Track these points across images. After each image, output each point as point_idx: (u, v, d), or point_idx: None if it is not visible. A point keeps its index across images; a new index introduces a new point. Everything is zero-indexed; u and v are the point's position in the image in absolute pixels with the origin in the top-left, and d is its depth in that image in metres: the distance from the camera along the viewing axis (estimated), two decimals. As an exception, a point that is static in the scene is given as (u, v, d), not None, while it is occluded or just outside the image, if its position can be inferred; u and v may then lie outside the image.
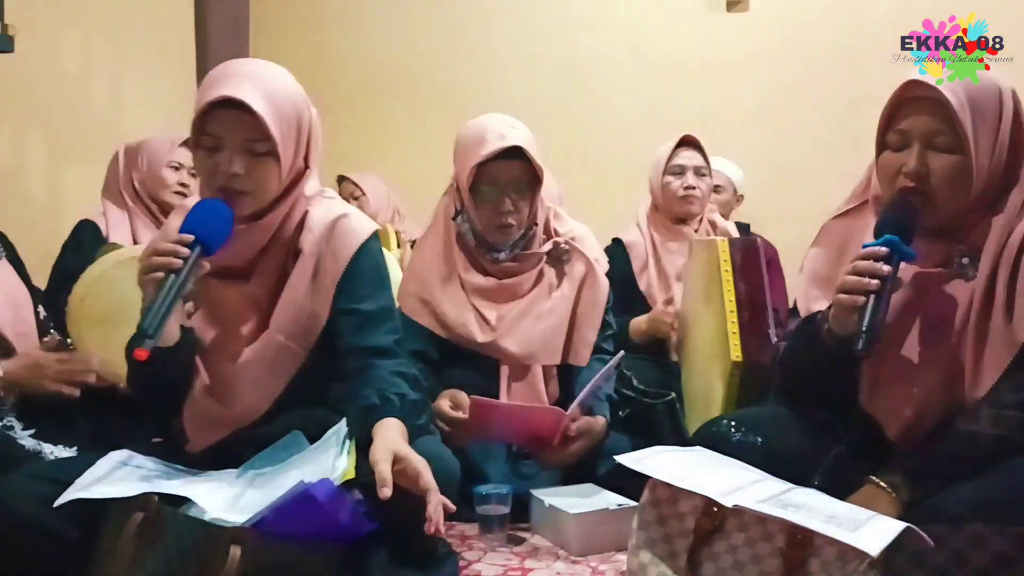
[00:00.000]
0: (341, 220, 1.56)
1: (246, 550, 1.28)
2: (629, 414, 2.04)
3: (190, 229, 1.40)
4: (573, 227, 2.12)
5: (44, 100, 3.29)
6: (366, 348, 1.51)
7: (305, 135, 1.53)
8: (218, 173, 1.46)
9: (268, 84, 1.48)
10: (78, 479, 1.39)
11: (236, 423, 1.54)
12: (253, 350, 1.51)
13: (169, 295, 1.34)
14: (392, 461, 1.31)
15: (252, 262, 1.54)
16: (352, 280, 1.54)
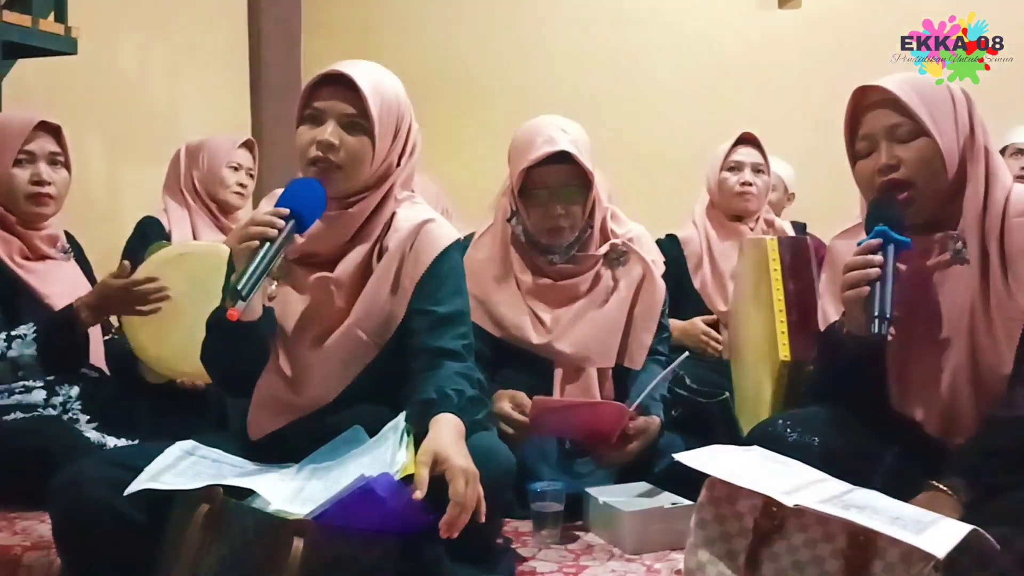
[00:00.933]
0: (427, 225, 1.60)
1: (308, 542, 1.31)
2: (682, 413, 2.03)
3: (285, 204, 1.46)
4: (631, 228, 2.11)
5: (103, 102, 3.37)
6: (435, 349, 1.54)
7: (403, 135, 1.60)
8: (315, 143, 1.52)
9: (376, 73, 1.58)
10: (147, 467, 1.42)
11: (302, 410, 1.57)
12: (331, 340, 1.55)
13: (263, 261, 1.39)
14: (433, 463, 1.32)
15: (338, 253, 1.58)
16: (430, 283, 1.58)
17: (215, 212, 2.80)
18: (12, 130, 2.09)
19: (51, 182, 2.11)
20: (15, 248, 2.10)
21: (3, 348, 1.94)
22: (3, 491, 1.89)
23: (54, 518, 1.44)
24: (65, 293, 2.14)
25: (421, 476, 1.31)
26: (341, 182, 1.55)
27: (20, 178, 2.08)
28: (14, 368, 1.95)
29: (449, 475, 1.31)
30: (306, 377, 1.56)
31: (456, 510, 1.30)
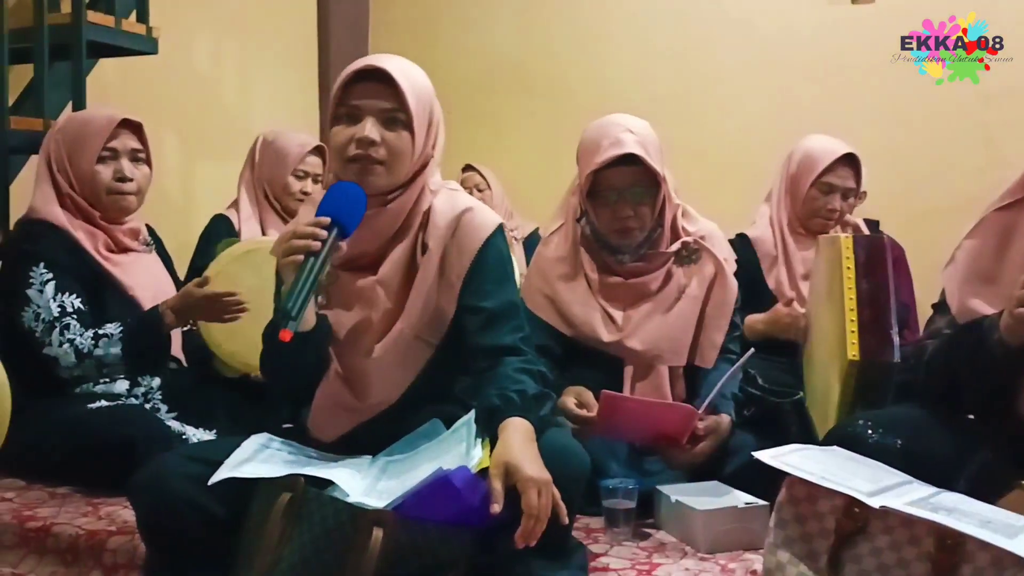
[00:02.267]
0: (466, 214, 1.58)
1: (387, 532, 1.33)
2: (755, 413, 2.00)
3: (326, 212, 1.43)
4: (703, 226, 2.08)
5: (179, 100, 3.45)
6: (491, 348, 1.52)
7: (436, 125, 1.58)
8: (354, 142, 1.49)
9: (407, 66, 1.55)
10: (227, 459, 1.45)
11: (366, 414, 1.58)
12: (384, 344, 1.54)
13: (310, 276, 1.37)
14: (505, 474, 1.32)
15: (381, 253, 1.57)
16: (477, 276, 1.55)
17: (279, 212, 2.84)
18: (95, 128, 2.15)
19: (133, 178, 2.17)
20: (100, 241, 2.17)
21: (90, 346, 2.01)
22: (89, 477, 1.96)
23: (138, 512, 1.48)
24: (147, 284, 2.22)
25: (496, 489, 1.31)
26: (383, 179, 1.52)
27: (103, 174, 2.14)
28: (100, 366, 2.03)
29: (521, 487, 1.30)
30: (366, 381, 1.56)
31: (531, 522, 1.30)
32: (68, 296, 2.05)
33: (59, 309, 2.03)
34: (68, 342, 2.01)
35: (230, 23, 3.81)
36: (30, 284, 2.03)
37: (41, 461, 1.98)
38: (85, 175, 2.13)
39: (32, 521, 1.77)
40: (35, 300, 2.03)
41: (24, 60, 2.51)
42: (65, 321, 2.02)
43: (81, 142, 2.13)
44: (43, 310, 2.02)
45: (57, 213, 2.11)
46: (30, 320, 2.02)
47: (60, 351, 2.01)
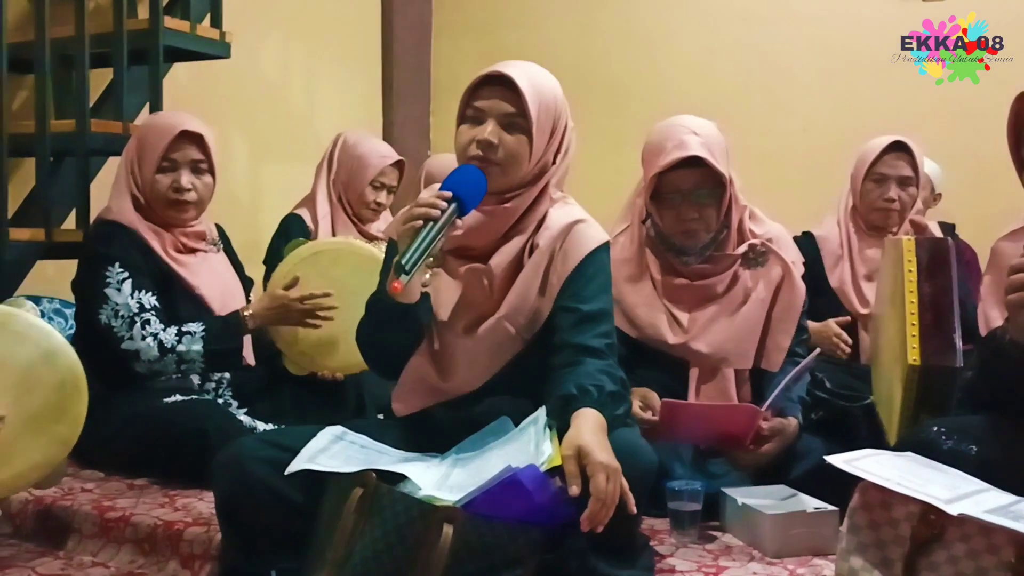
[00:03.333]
0: (578, 224, 1.62)
1: (457, 529, 1.34)
2: (823, 417, 1.98)
3: (449, 187, 1.50)
4: (770, 228, 2.06)
5: (247, 103, 3.53)
6: (577, 346, 1.55)
7: (559, 134, 1.62)
8: (474, 142, 1.56)
9: (535, 73, 1.60)
10: (303, 450, 1.48)
11: (446, 395, 1.62)
12: (481, 330, 1.59)
13: (426, 239, 1.42)
14: (577, 456, 1.33)
15: (492, 247, 1.62)
16: (578, 281, 1.59)
17: (350, 216, 2.88)
18: (155, 138, 2.18)
19: (191, 188, 2.18)
20: (168, 242, 2.22)
21: (174, 341, 2.07)
22: (164, 469, 2.02)
23: (217, 493, 1.52)
24: (214, 284, 2.27)
25: (571, 471, 1.32)
26: (499, 179, 1.57)
27: (162, 184, 2.17)
28: (179, 362, 2.08)
29: (590, 470, 1.32)
30: (454, 363, 1.61)
31: (598, 505, 1.30)
32: (144, 293, 2.11)
33: (138, 305, 2.09)
34: (151, 336, 2.07)
35: (297, 27, 3.88)
36: (107, 283, 2.10)
37: (119, 453, 2.05)
38: (147, 182, 2.18)
39: (111, 512, 1.83)
40: (113, 298, 2.09)
41: (102, 64, 2.59)
42: (145, 316, 2.08)
43: (146, 150, 2.18)
44: (121, 307, 2.08)
45: (129, 214, 2.17)
46: (109, 317, 2.09)
47: (143, 344, 2.07)
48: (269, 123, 3.69)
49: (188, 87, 3.07)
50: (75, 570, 1.73)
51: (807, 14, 4.00)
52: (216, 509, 1.55)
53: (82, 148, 2.40)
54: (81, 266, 2.20)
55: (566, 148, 1.65)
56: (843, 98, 3.83)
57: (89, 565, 1.76)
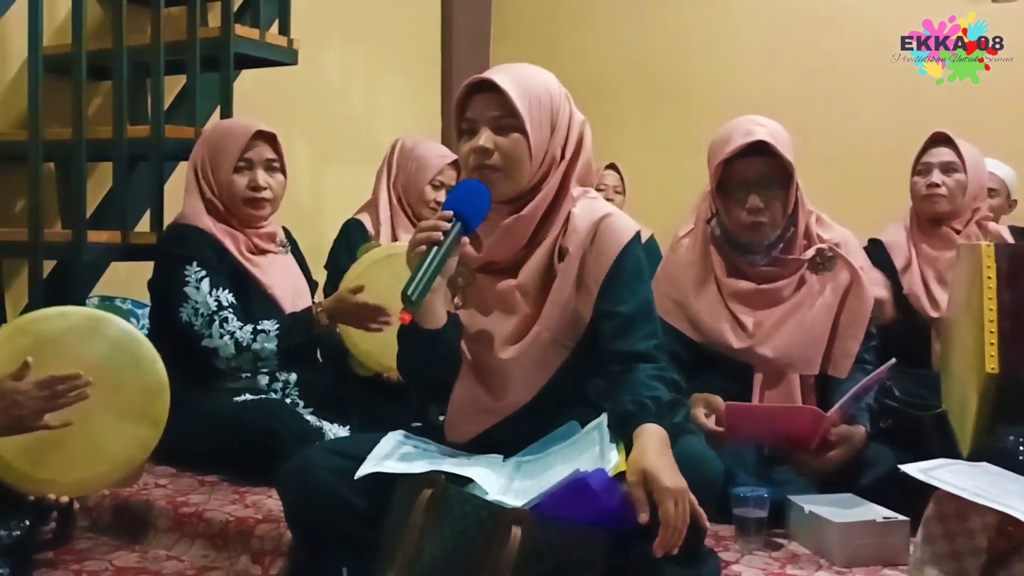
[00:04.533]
0: (605, 220, 1.59)
1: (525, 531, 1.35)
2: (892, 425, 1.95)
3: (451, 207, 1.49)
4: (838, 233, 2.04)
5: (310, 108, 3.60)
6: (626, 353, 1.53)
7: (562, 127, 1.58)
8: (472, 152, 1.54)
9: (520, 71, 1.57)
10: (369, 455, 1.50)
11: (500, 414, 1.60)
12: (522, 345, 1.57)
13: (431, 265, 1.41)
14: (643, 482, 1.32)
15: (518, 258, 1.60)
16: (614, 282, 1.57)
17: (411, 217, 2.91)
18: (232, 139, 2.24)
19: (267, 187, 2.26)
20: (242, 243, 2.28)
21: (249, 339, 2.12)
22: (234, 466, 2.07)
23: (285, 502, 1.55)
24: (285, 284, 2.32)
25: (639, 498, 1.31)
26: (503, 184, 1.55)
27: (239, 184, 2.24)
28: (255, 359, 2.14)
29: (658, 497, 1.31)
30: (501, 382, 1.59)
31: (669, 532, 1.30)
32: (222, 291, 2.16)
33: (216, 303, 2.14)
34: (228, 334, 2.12)
35: (358, 34, 3.94)
36: (186, 282, 2.16)
37: (191, 450, 2.10)
38: (223, 184, 2.24)
39: (185, 507, 1.88)
40: (192, 297, 2.15)
41: (174, 72, 2.66)
42: (223, 315, 2.14)
43: (220, 152, 2.24)
44: (201, 305, 2.14)
45: (203, 217, 2.23)
46: (188, 315, 2.14)
47: (220, 342, 2.12)
48: (331, 128, 3.75)
49: (254, 93, 3.14)
50: (150, 563, 1.78)
51: (869, 16, 3.94)
52: (285, 516, 1.58)
53: (157, 153, 2.47)
54: (158, 267, 2.27)
55: (576, 141, 1.60)
56: (905, 101, 3.77)
57: (164, 558, 1.81)
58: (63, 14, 2.77)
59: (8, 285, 2.58)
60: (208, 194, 2.25)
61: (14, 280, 2.66)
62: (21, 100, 2.62)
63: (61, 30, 2.75)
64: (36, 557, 1.68)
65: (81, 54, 2.33)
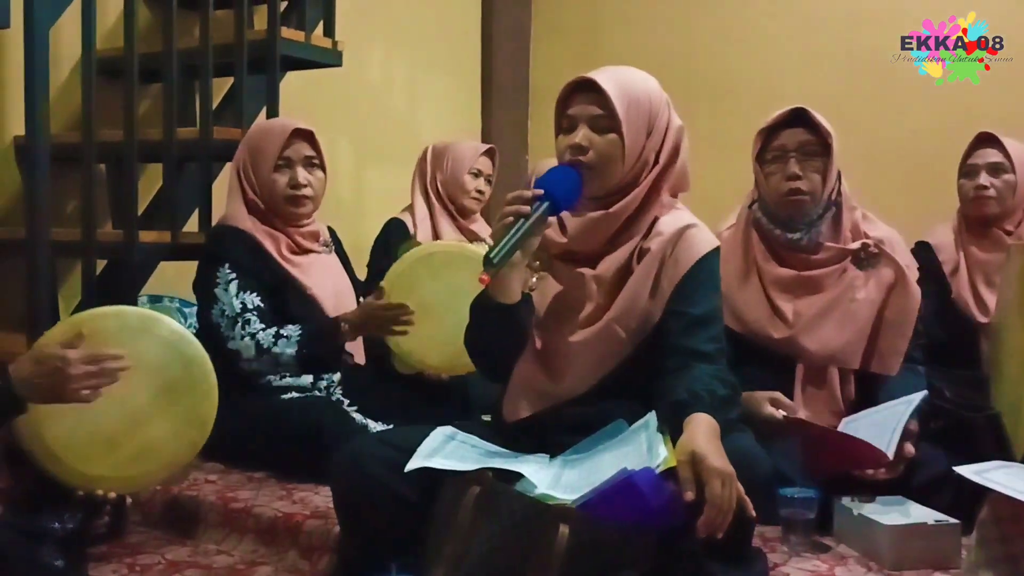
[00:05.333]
0: (689, 229, 1.62)
1: (572, 528, 1.35)
2: (942, 427, 1.92)
3: (543, 186, 1.52)
4: (883, 231, 2.03)
5: (353, 109, 3.63)
6: (687, 350, 1.55)
7: (659, 132, 1.61)
8: (568, 148, 1.58)
9: (623, 74, 1.62)
10: (419, 448, 1.52)
11: (556, 399, 1.62)
12: (589, 333, 1.60)
13: (515, 235, 1.45)
14: (692, 462, 1.33)
15: (600, 252, 1.63)
16: (688, 286, 1.59)
17: (454, 213, 2.93)
18: (271, 138, 2.26)
19: (307, 184, 2.27)
20: (283, 244, 2.30)
21: (270, 343, 2.13)
22: (281, 463, 2.09)
23: (335, 491, 1.57)
24: (326, 284, 2.34)
25: (686, 476, 1.32)
26: (595, 181, 1.59)
27: (280, 182, 2.26)
28: (275, 363, 2.15)
29: (705, 476, 1.31)
30: (562, 367, 1.62)
31: (714, 511, 1.30)
32: (249, 294, 2.18)
33: (241, 306, 2.17)
34: (250, 336, 2.14)
35: (400, 34, 3.97)
36: (216, 283, 2.19)
37: (238, 447, 2.12)
38: (264, 183, 2.26)
39: (234, 503, 1.91)
40: (221, 298, 2.18)
41: (221, 74, 2.70)
42: (246, 317, 2.16)
43: (260, 152, 2.26)
44: (227, 307, 2.17)
45: (244, 218, 2.25)
46: (217, 316, 2.17)
47: (242, 344, 2.14)
48: (373, 129, 3.78)
49: (298, 94, 3.17)
50: (201, 557, 1.81)
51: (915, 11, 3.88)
52: (335, 506, 1.60)
53: (205, 154, 2.51)
54: (199, 267, 2.31)
55: (672, 147, 1.63)
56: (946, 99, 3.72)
57: (214, 553, 1.84)
58: (112, 19, 2.82)
59: (59, 283, 2.64)
60: (251, 194, 2.28)
61: (66, 279, 2.72)
62: (72, 102, 2.68)
63: (111, 34, 2.80)
64: (90, 550, 1.71)
65: (133, 58, 2.37)
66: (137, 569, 1.74)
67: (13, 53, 2.55)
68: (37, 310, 2.18)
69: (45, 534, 1.56)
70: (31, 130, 2.20)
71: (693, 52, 4.26)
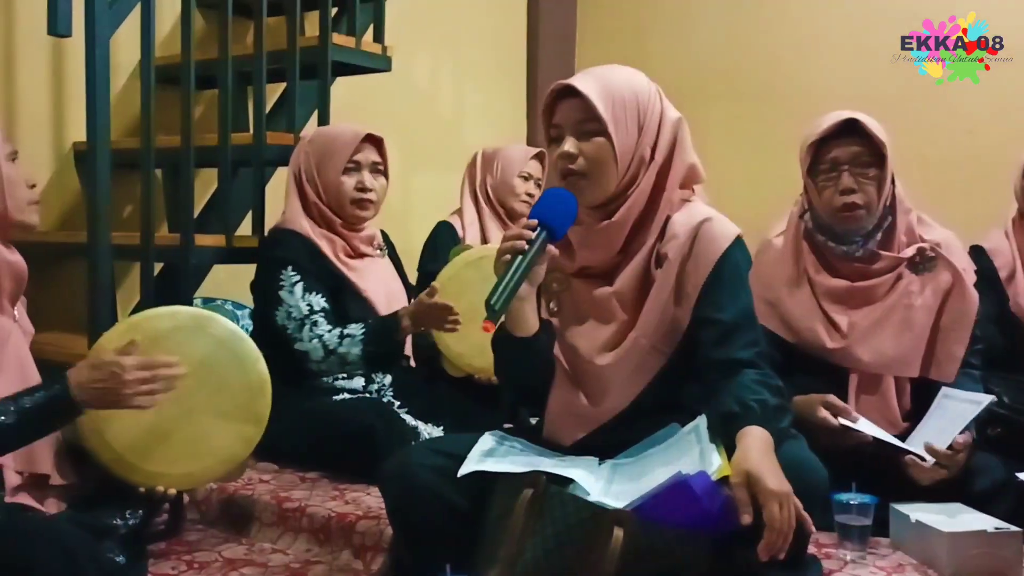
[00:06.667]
0: (704, 225, 1.55)
1: (627, 533, 1.34)
2: (1000, 434, 1.89)
3: (536, 215, 1.48)
4: (939, 234, 2.00)
5: (400, 114, 3.65)
6: (726, 362, 1.51)
7: (651, 128, 1.54)
8: (558, 158, 1.54)
9: (604, 73, 1.55)
10: (470, 453, 1.52)
11: (598, 421, 1.59)
12: (619, 352, 1.56)
13: (516, 274, 1.42)
14: (748, 484, 1.31)
15: (615, 264, 1.58)
16: (714, 288, 1.53)
17: (503, 217, 2.95)
18: (343, 142, 2.32)
19: (372, 188, 2.33)
20: (339, 247, 2.34)
21: (336, 343, 2.17)
22: (333, 463, 2.12)
23: (387, 499, 1.57)
24: (380, 287, 2.38)
25: (743, 499, 1.30)
26: (590, 189, 1.54)
27: (348, 185, 2.31)
28: (342, 363, 2.19)
29: (762, 499, 1.29)
30: (598, 389, 1.58)
31: (774, 535, 1.28)
32: (315, 296, 2.22)
33: (308, 307, 2.20)
34: (317, 337, 2.18)
35: (447, 41, 3.99)
36: (281, 286, 2.22)
37: (292, 447, 2.16)
38: (332, 185, 2.30)
39: (288, 502, 1.93)
40: (287, 300, 2.21)
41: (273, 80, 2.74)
42: (313, 318, 2.20)
43: (330, 154, 2.31)
44: (294, 309, 2.20)
45: (302, 222, 2.30)
46: (283, 318, 2.21)
47: (310, 346, 2.18)
48: (419, 133, 3.80)
49: (345, 99, 3.20)
50: (257, 555, 1.84)
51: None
52: (387, 513, 1.61)
53: (258, 159, 2.54)
54: (259, 270, 2.35)
55: (669, 140, 1.56)
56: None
57: (270, 551, 1.87)
58: (167, 27, 2.88)
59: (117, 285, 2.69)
60: (312, 197, 2.31)
61: (123, 281, 2.78)
62: (128, 109, 2.74)
63: (166, 42, 2.86)
64: (149, 547, 1.75)
65: (190, 65, 2.42)
66: (195, 566, 1.77)
67: (71, 62, 2.63)
68: (97, 312, 2.23)
69: (108, 531, 1.59)
70: (92, 137, 2.25)
71: (740, 54, 4.23)
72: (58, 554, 1.30)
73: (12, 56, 2.61)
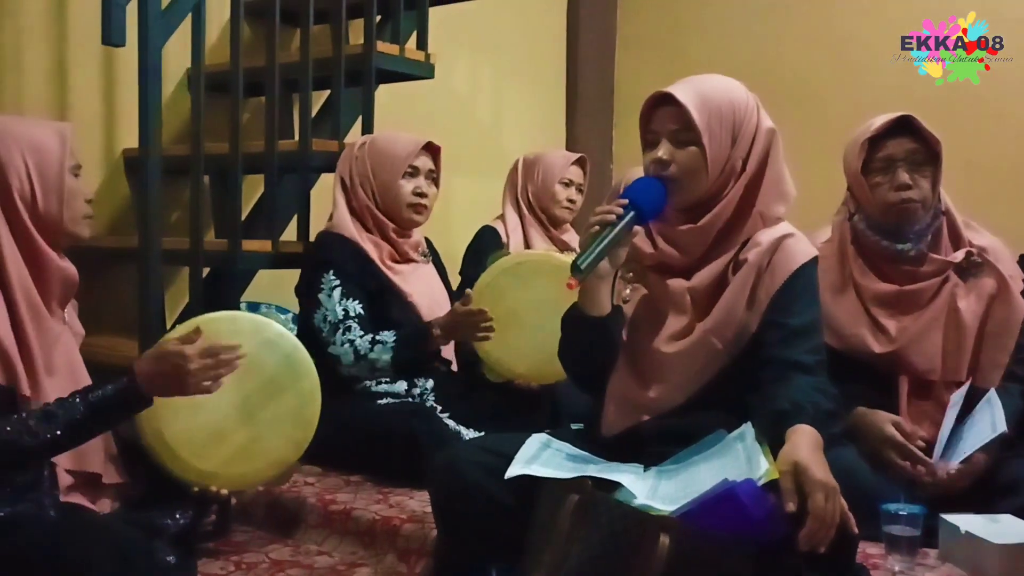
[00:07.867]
0: (787, 239, 1.60)
1: (673, 540, 1.34)
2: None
3: (627, 196, 1.54)
4: (986, 240, 1.99)
5: (440, 120, 3.67)
6: (787, 361, 1.53)
7: (745, 139, 1.58)
8: (651, 164, 1.59)
9: (703, 83, 1.60)
10: (517, 455, 1.53)
11: (652, 410, 1.62)
12: (684, 344, 1.59)
13: (600, 243, 1.48)
14: (794, 472, 1.31)
15: (694, 265, 1.62)
16: (786, 296, 1.57)
17: (545, 223, 2.96)
18: (404, 147, 2.38)
19: (427, 195, 2.38)
20: (385, 252, 2.38)
21: (367, 349, 2.20)
22: (377, 467, 2.14)
23: (433, 496, 1.60)
24: (424, 292, 2.40)
25: (788, 487, 1.30)
26: (679, 193, 1.58)
27: (406, 189, 2.36)
28: (372, 368, 2.21)
29: (808, 488, 1.29)
30: (658, 378, 1.61)
31: (816, 524, 1.28)
32: (351, 301, 2.25)
33: (343, 312, 2.23)
34: (349, 342, 2.21)
35: (485, 44, 4.01)
36: (320, 289, 2.26)
37: (336, 451, 2.17)
38: (390, 189, 2.34)
39: (333, 505, 1.96)
40: (324, 303, 2.25)
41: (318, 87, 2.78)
42: (347, 323, 2.22)
43: (389, 159, 2.36)
44: (330, 312, 2.23)
45: (349, 226, 2.33)
46: (319, 321, 2.24)
47: (342, 350, 2.21)
48: (458, 139, 3.80)
49: (386, 105, 3.24)
50: (303, 557, 1.87)
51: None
52: (433, 510, 1.63)
53: (304, 165, 2.58)
54: (303, 272, 2.39)
55: (762, 152, 1.59)
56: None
57: (315, 553, 1.89)
58: (214, 36, 2.93)
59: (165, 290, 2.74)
60: (365, 201, 2.35)
61: (171, 285, 2.82)
62: (176, 116, 2.79)
63: (213, 50, 2.91)
64: (198, 547, 1.78)
65: (239, 74, 2.46)
66: (243, 567, 1.80)
67: (121, 70, 2.68)
68: (148, 315, 2.27)
69: (159, 530, 1.62)
70: (144, 145, 2.29)
71: (782, 59, 4.20)
72: (112, 552, 1.33)
73: (65, 64, 2.67)
